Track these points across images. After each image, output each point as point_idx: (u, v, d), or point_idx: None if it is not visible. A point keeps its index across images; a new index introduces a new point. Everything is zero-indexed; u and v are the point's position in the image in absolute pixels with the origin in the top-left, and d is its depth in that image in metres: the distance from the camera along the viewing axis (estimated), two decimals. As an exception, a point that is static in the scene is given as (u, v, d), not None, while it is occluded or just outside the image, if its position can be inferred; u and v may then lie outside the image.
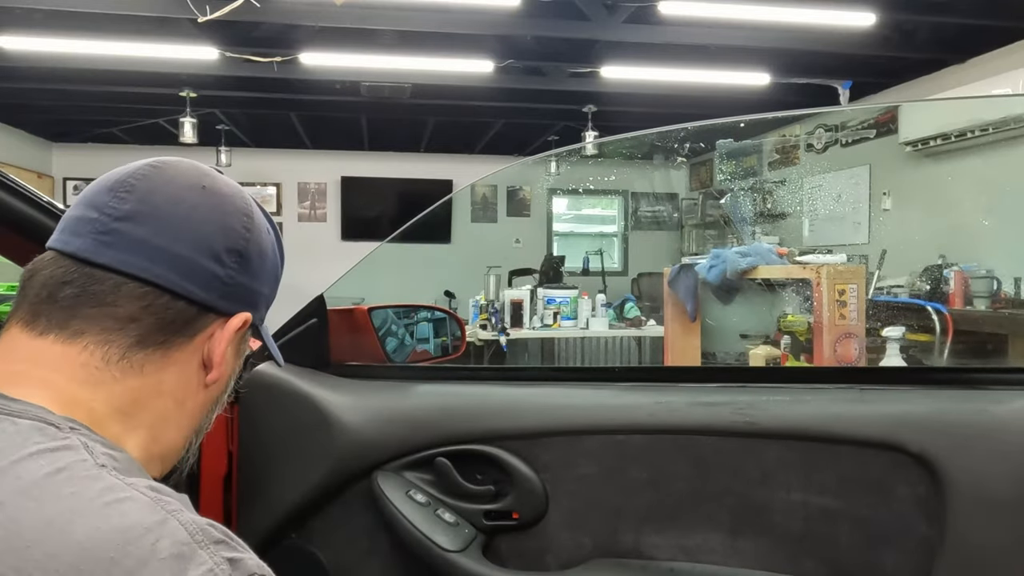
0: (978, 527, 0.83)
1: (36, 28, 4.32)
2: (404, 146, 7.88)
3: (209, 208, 0.58)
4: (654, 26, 4.41)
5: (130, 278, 0.54)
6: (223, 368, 0.61)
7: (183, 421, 0.60)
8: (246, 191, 0.64)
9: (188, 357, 0.58)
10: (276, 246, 0.66)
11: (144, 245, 0.54)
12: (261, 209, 0.66)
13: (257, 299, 0.62)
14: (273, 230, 0.66)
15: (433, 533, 0.99)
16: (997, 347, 3.68)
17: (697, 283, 3.03)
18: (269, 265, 0.64)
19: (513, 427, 1.03)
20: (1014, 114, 4.02)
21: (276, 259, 0.66)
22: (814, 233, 6.06)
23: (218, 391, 0.63)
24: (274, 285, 0.66)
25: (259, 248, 0.61)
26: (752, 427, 0.95)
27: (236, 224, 0.59)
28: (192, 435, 0.62)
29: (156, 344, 0.55)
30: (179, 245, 0.55)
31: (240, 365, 0.66)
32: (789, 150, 6.60)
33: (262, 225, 0.63)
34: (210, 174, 0.61)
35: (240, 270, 0.59)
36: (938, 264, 4.27)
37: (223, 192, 0.60)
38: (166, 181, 0.57)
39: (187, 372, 0.58)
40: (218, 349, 0.59)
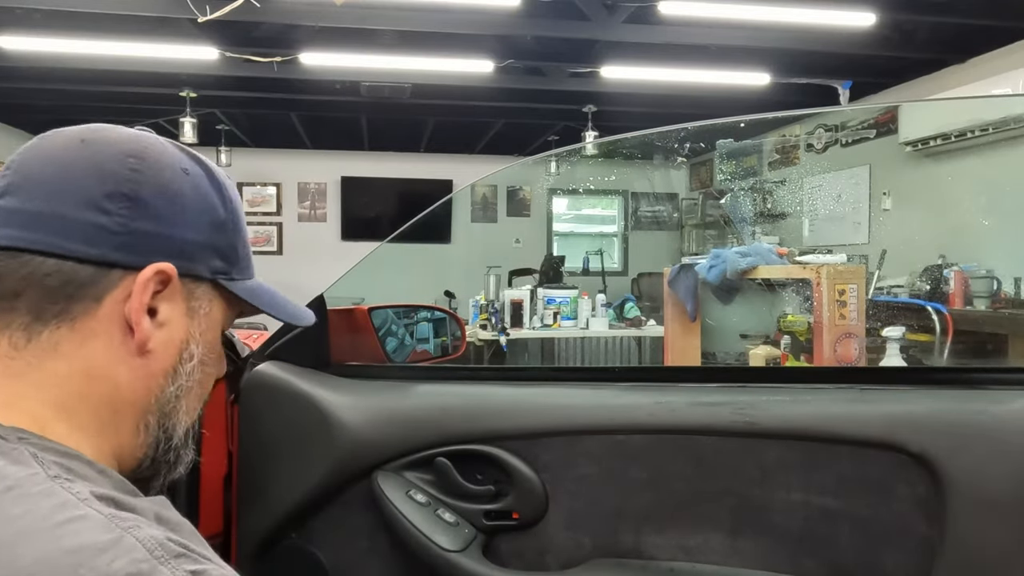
0: (978, 527, 0.83)
1: (36, 28, 4.32)
2: (404, 146, 7.88)
3: (85, 159, 0.52)
4: (654, 26, 4.41)
5: (3, 251, 0.50)
6: (158, 331, 0.54)
7: (132, 408, 0.54)
8: (155, 139, 0.57)
9: (105, 326, 0.52)
10: (210, 189, 0.58)
11: (17, 215, 0.50)
12: (197, 158, 0.59)
13: (179, 247, 0.54)
14: (209, 173, 0.59)
15: (433, 533, 0.99)
16: (997, 347, 3.68)
17: (697, 283, 3.03)
18: (191, 207, 0.56)
19: (513, 427, 1.03)
20: (1014, 114, 4.01)
21: (209, 203, 0.57)
22: (814, 233, 6.06)
23: (167, 362, 0.56)
24: (212, 231, 0.57)
25: (161, 189, 0.54)
26: (752, 427, 0.95)
27: (117, 167, 0.52)
28: (157, 425, 0.56)
29: (55, 316, 0.50)
30: (52, 204, 0.50)
31: (203, 330, 0.58)
32: (789, 150, 6.60)
33: (168, 164, 0.55)
34: (96, 129, 0.55)
35: (133, 215, 0.52)
36: (938, 264, 4.27)
37: (106, 140, 0.54)
38: (43, 147, 0.54)
39: (110, 343, 0.52)
40: (134, 306, 0.52)
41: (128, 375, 0.53)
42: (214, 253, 0.57)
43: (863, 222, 5.54)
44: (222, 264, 0.58)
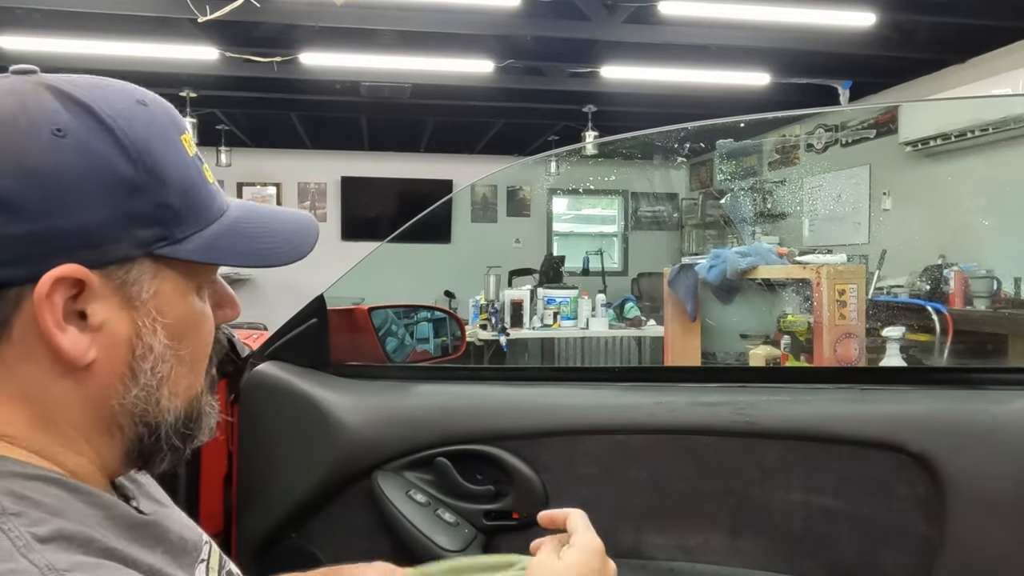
0: (978, 527, 0.83)
1: (36, 28, 4.32)
2: (404, 146, 7.88)
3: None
4: (654, 26, 4.41)
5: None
6: (94, 336, 0.45)
7: (94, 421, 0.48)
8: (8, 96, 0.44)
9: (26, 349, 0.44)
10: (102, 143, 0.45)
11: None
12: (79, 102, 0.45)
13: (77, 236, 0.43)
14: (98, 118, 0.45)
15: (433, 533, 0.99)
16: (997, 347, 3.68)
17: (697, 283, 3.03)
18: (78, 181, 0.43)
19: (513, 427, 1.03)
20: (1014, 114, 4.01)
21: (102, 165, 0.44)
22: (814, 233, 6.06)
23: (117, 365, 0.47)
24: (119, 198, 0.45)
25: (28, 173, 0.42)
26: (752, 427, 0.95)
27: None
28: (133, 424, 0.49)
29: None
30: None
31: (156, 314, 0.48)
32: (789, 150, 6.60)
33: (30, 133, 0.43)
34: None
35: (2, 219, 0.41)
36: (938, 264, 4.27)
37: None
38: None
39: (41, 365, 0.45)
40: (45, 326, 0.43)
41: (73, 393, 0.46)
42: (133, 223, 0.46)
43: (863, 222, 5.54)
44: (153, 231, 0.47)
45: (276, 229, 0.55)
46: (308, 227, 0.59)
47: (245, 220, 0.53)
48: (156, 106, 0.50)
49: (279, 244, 0.55)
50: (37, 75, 0.47)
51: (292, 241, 0.56)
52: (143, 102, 0.48)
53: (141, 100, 0.48)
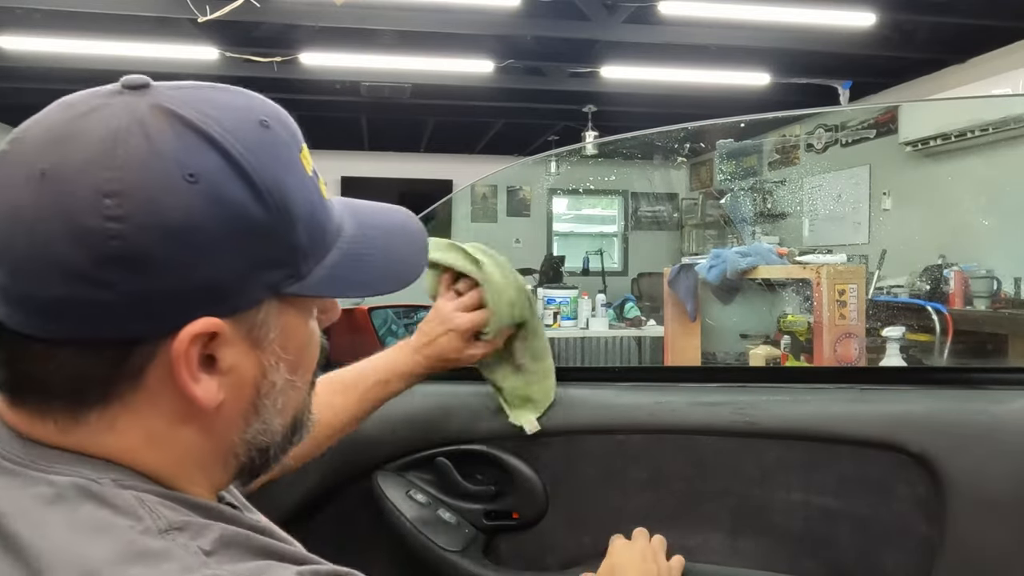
0: (978, 527, 0.83)
1: (36, 28, 4.32)
2: (404, 146, 7.88)
3: (51, 214, 0.39)
4: (654, 26, 4.41)
5: (15, 335, 0.41)
6: (223, 379, 0.45)
7: (213, 455, 0.48)
8: (137, 141, 0.40)
9: (157, 396, 0.43)
10: (234, 187, 0.41)
11: (9, 293, 0.41)
12: (206, 136, 0.41)
13: (211, 289, 0.42)
14: (229, 157, 0.42)
15: (433, 533, 0.99)
16: (997, 347, 3.68)
17: (697, 283, 3.03)
18: (212, 232, 0.41)
19: (513, 427, 1.03)
20: (1014, 114, 4.02)
21: (236, 212, 0.41)
22: (814, 233, 6.06)
23: (243, 403, 0.47)
24: (252, 245, 0.43)
25: (162, 231, 0.39)
26: (752, 427, 0.95)
27: (93, 220, 0.38)
28: (247, 452, 0.49)
29: (97, 400, 0.42)
30: (37, 283, 0.39)
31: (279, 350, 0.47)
32: (789, 150, 6.60)
33: (161, 185, 0.40)
34: (61, 139, 0.41)
35: (137, 277, 0.39)
36: (938, 264, 4.27)
37: (71, 169, 0.39)
38: (5, 183, 0.41)
39: (171, 409, 0.44)
40: (182, 379, 0.43)
41: (197, 433, 0.46)
42: (264, 268, 0.44)
43: (863, 222, 5.54)
44: (282, 271, 0.45)
45: (389, 246, 0.54)
46: (416, 235, 0.57)
47: (360, 238, 0.51)
48: (277, 123, 0.46)
49: (395, 265, 0.54)
50: (151, 91, 0.43)
51: (406, 257, 0.55)
52: (265, 123, 0.45)
53: (263, 120, 0.45)
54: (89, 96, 0.43)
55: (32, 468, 0.41)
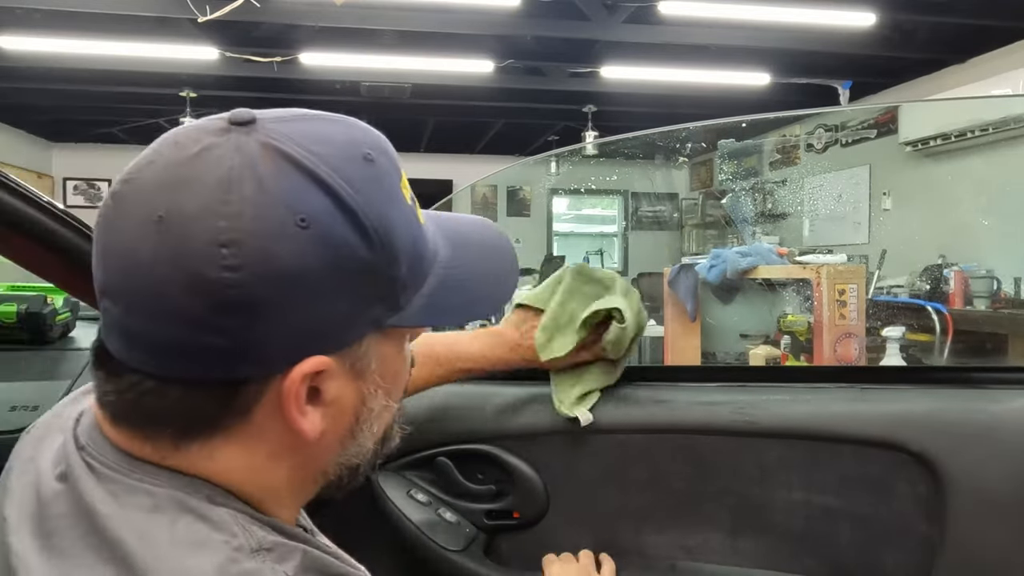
0: (978, 526, 0.83)
1: (36, 28, 4.32)
2: (404, 146, 7.88)
3: (168, 260, 0.39)
4: (654, 26, 4.41)
5: (131, 370, 0.42)
6: (326, 409, 0.45)
7: (308, 479, 0.50)
8: (251, 186, 0.40)
9: (261, 429, 0.44)
10: (344, 229, 0.42)
11: (125, 330, 0.42)
12: (316, 178, 0.41)
13: (322, 330, 0.43)
14: (338, 199, 0.42)
15: (434, 532, 0.99)
16: (997, 347, 3.68)
17: (697, 283, 3.03)
18: (325, 276, 0.41)
19: (514, 426, 1.03)
20: (1014, 114, 4.02)
21: (346, 253, 0.42)
22: (814, 233, 6.06)
23: (342, 430, 0.48)
24: (361, 284, 0.43)
25: (277, 278, 0.40)
26: (752, 426, 0.95)
27: (209, 268, 0.39)
28: (337, 470, 0.51)
29: (202, 433, 0.43)
30: (154, 323, 0.40)
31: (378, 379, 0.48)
32: (789, 150, 6.60)
33: (275, 233, 0.40)
34: (176, 183, 0.40)
35: (251, 323, 0.40)
36: (938, 264, 4.27)
37: (185, 217, 0.39)
38: (119, 225, 0.41)
39: (273, 440, 0.45)
40: (290, 416, 0.44)
41: (296, 461, 0.47)
42: (370, 304, 0.44)
43: (863, 222, 5.54)
44: (385, 305, 0.45)
45: (483, 267, 0.54)
46: (507, 252, 0.57)
47: (454, 261, 0.51)
48: (380, 154, 0.46)
49: (490, 287, 0.54)
50: (257, 127, 0.42)
51: (500, 278, 0.55)
52: (369, 156, 0.45)
53: (367, 154, 0.45)
54: (197, 132, 0.43)
55: (132, 477, 0.43)
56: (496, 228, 0.59)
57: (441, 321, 0.50)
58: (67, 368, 1.15)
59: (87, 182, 7.84)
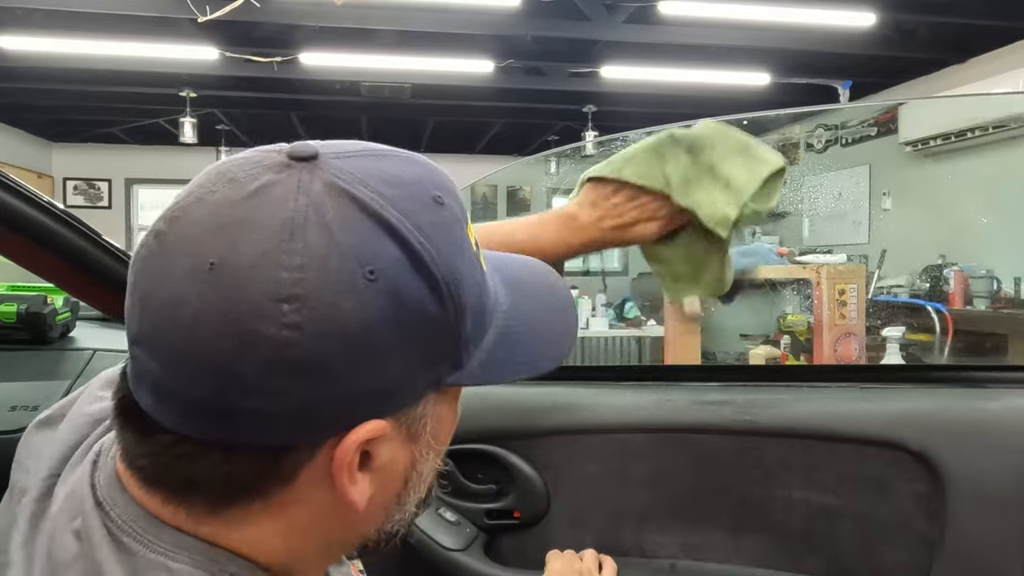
0: (978, 524, 0.83)
1: (36, 28, 4.32)
2: (404, 146, 7.66)
3: (219, 311, 0.35)
4: (654, 26, 4.41)
5: (165, 430, 0.38)
6: (374, 475, 0.41)
7: (347, 544, 0.47)
8: (315, 236, 0.36)
9: (305, 494, 0.40)
10: (413, 282, 0.38)
11: (160, 386, 0.37)
12: (388, 226, 0.37)
13: (382, 393, 0.39)
14: (410, 249, 0.38)
15: (434, 532, 0.99)
16: (997, 346, 3.68)
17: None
18: (391, 335, 0.37)
19: (514, 426, 1.03)
20: (1014, 114, 4.02)
21: (415, 309, 0.38)
22: (814, 233, 6.06)
23: (390, 495, 0.44)
24: (427, 341, 0.39)
25: (342, 337, 0.36)
26: (753, 426, 0.95)
27: (268, 326, 0.35)
28: (377, 533, 0.47)
29: (240, 498, 0.39)
30: (198, 385, 0.36)
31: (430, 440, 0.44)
32: (789, 150, 6.60)
33: (343, 288, 0.36)
34: (225, 227, 0.36)
35: (310, 385, 0.36)
36: (938, 264, 4.28)
37: (241, 267, 0.35)
38: (163, 269, 0.37)
39: (315, 505, 0.41)
40: (340, 484, 0.39)
41: (338, 527, 0.43)
42: (433, 363, 0.41)
43: (863, 222, 5.54)
44: (444, 365, 0.41)
45: (543, 317, 0.49)
46: (566, 300, 0.52)
47: (514, 312, 0.46)
48: (449, 197, 0.42)
49: (550, 340, 0.49)
50: (320, 164, 0.38)
51: (561, 329, 0.50)
52: (439, 199, 0.41)
53: (437, 197, 0.41)
54: (253, 167, 0.38)
55: (152, 549, 0.40)
56: (555, 274, 0.54)
57: (500, 379, 0.45)
58: (67, 368, 1.15)
59: (87, 182, 7.84)
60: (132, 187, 7.86)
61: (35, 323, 1.17)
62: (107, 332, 1.26)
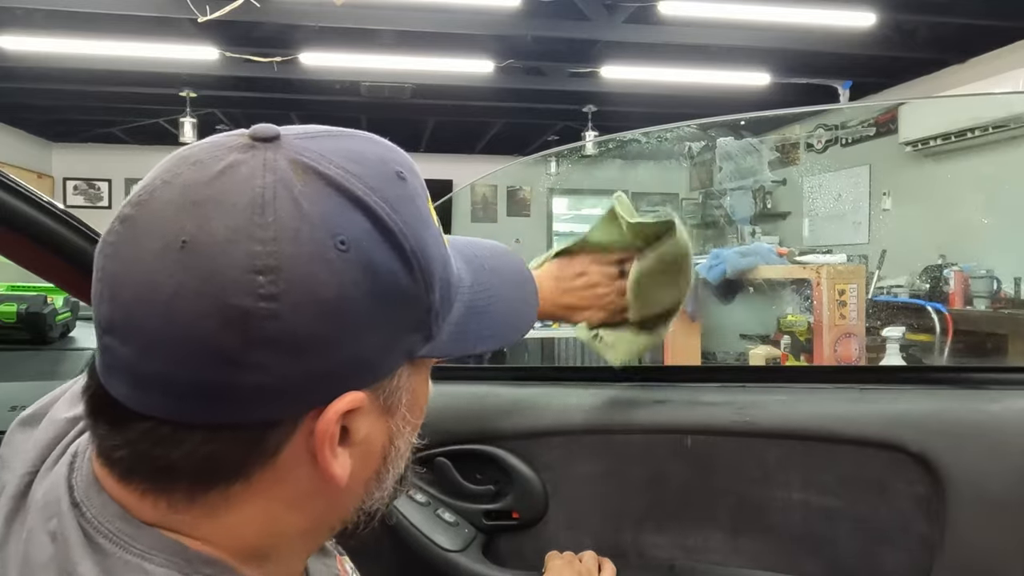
0: (978, 526, 0.83)
1: (36, 28, 4.32)
2: (404, 146, 7.61)
3: (194, 290, 0.35)
4: (654, 26, 4.41)
5: (141, 417, 0.38)
6: (353, 449, 0.41)
7: (329, 524, 0.46)
8: (286, 204, 0.37)
9: (285, 472, 0.40)
10: (384, 253, 0.39)
11: (135, 372, 0.37)
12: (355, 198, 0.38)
13: (359, 363, 0.39)
14: (378, 220, 0.39)
15: (433, 533, 0.99)
16: (997, 347, 3.68)
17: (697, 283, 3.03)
18: (365, 304, 0.38)
19: (513, 427, 1.03)
20: (1014, 113, 4.02)
21: (388, 280, 0.39)
22: (814, 233, 6.06)
23: (370, 470, 0.45)
24: (400, 312, 0.40)
25: (318, 308, 0.36)
26: (752, 427, 0.95)
27: (244, 298, 0.35)
28: (356, 512, 0.47)
29: (222, 479, 0.39)
30: (176, 364, 0.36)
31: (406, 412, 0.45)
32: (789, 150, 6.60)
33: (316, 256, 0.36)
34: (196, 209, 0.36)
35: (288, 359, 0.36)
36: (938, 264, 4.28)
37: (214, 243, 0.35)
38: (133, 252, 0.37)
39: (297, 483, 0.41)
40: (321, 459, 0.40)
41: (319, 506, 0.43)
42: (406, 335, 0.41)
43: (863, 222, 5.54)
44: (417, 336, 0.42)
45: (505, 291, 0.51)
46: (526, 276, 0.54)
47: (478, 287, 0.48)
48: (410, 173, 0.43)
49: (513, 311, 0.51)
50: (283, 143, 0.39)
51: (522, 301, 0.52)
52: (401, 174, 0.42)
53: (399, 172, 0.42)
54: (216, 149, 0.39)
55: (128, 550, 0.39)
56: (511, 251, 0.56)
57: (469, 350, 0.46)
58: (67, 368, 1.15)
59: (87, 182, 7.84)
60: (132, 187, 7.85)
61: (35, 323, 1.17)
62: (107, 332, 1.26)
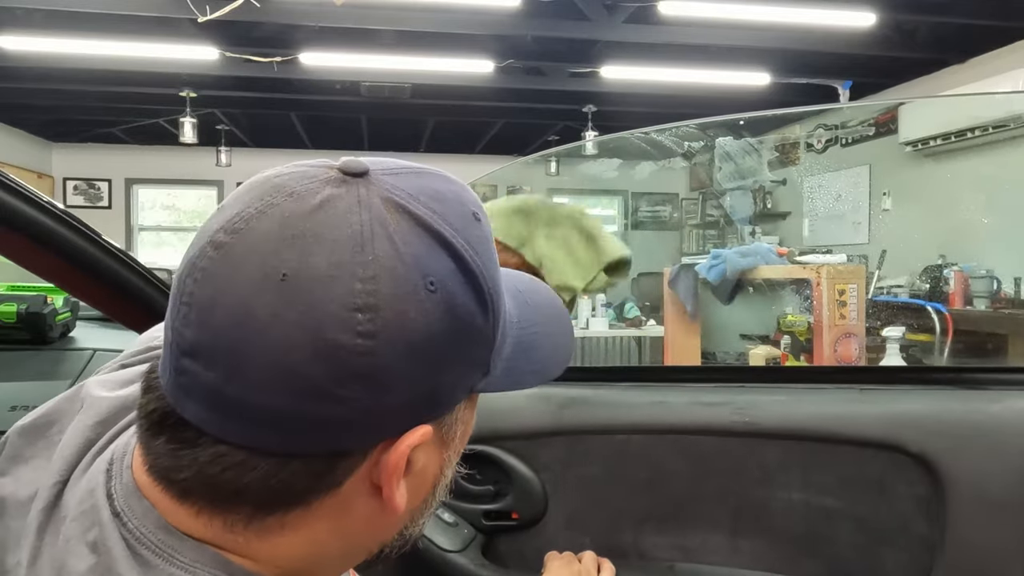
0: (977, 526, 0.83)
1: (36, 28, 4.32)
2: (404, 146, 7.88)
3: (293, 322, 0.35)
4: (654, 26, 4.41)
5: (216, 440, 0.38)
6: (410, 480, 0.42)
7: (371, 548, 0.46)
8: (384, 245, 0.37)
9: (346, 500, 0.40)
10: (466, 293, 0.39)
11: (217, 397, 0.37)
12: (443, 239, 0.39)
13: (431, 398, 0.40)
14: (461, 260, 0.39)
15: (432, 533, 0.99)
16: (997, 347, 3.68)
17: (697, 283, 3.04)
18: (445, 344, 0.39)
19: (513, 427, 1.03)
20: (1014, 113, 4.02)
21: (467, 321, 0.40)
22: (814, 233, 6.06)
23: (419, 499, 0.46)
24: (471, 351, 0.41)
25: (408, 347, 0.37)
26: (752, 427, 0.95)
27: (342, 335, 0.35)
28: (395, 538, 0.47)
29: (284, 506, 0.39)
30: (261, 394, 0.36)
31: (458, 443, 0.46)
32: (789, 150, 6.60)
33: (410, 296, 0.37)
34: (298, 236, 0.36)
35: (373, 395, 0.37)
36: (938, 264, 4.28)
37: (315, 278, 0.36)
38: (229, 279, 0.36)
39: (354, 512, 0.41)
40: (388, 493, 0.40)
41: (369, 533, 0.44)
42: (473, 371, 0.42)
43: (863, 222, 5.54)
44: (479, 372, 0.43)
45: (546, 327, 0.50)
46: (562, 310, 0.54)
47: (524, 322, 0.48)
48: (483, 213, 0.43)
49: (555, 347, 0.51)
50: (373, 180, 0.39)
51: (563, 336, 0.52)
52: (476, 215, 0.42)
53: (475, 213, 0.42)
54: (309, 181, 0.39)
55: (172, 562, 0.39)
56: (546, 286, 0.56)
57: (517, 386, 0.46)
58: (67, 368, 1.15)
59: (87, 182, 7.83)
60: (132, 187, 7.86)
61: (35, 323, 1.17)
62: (107, 332, 1.26)
